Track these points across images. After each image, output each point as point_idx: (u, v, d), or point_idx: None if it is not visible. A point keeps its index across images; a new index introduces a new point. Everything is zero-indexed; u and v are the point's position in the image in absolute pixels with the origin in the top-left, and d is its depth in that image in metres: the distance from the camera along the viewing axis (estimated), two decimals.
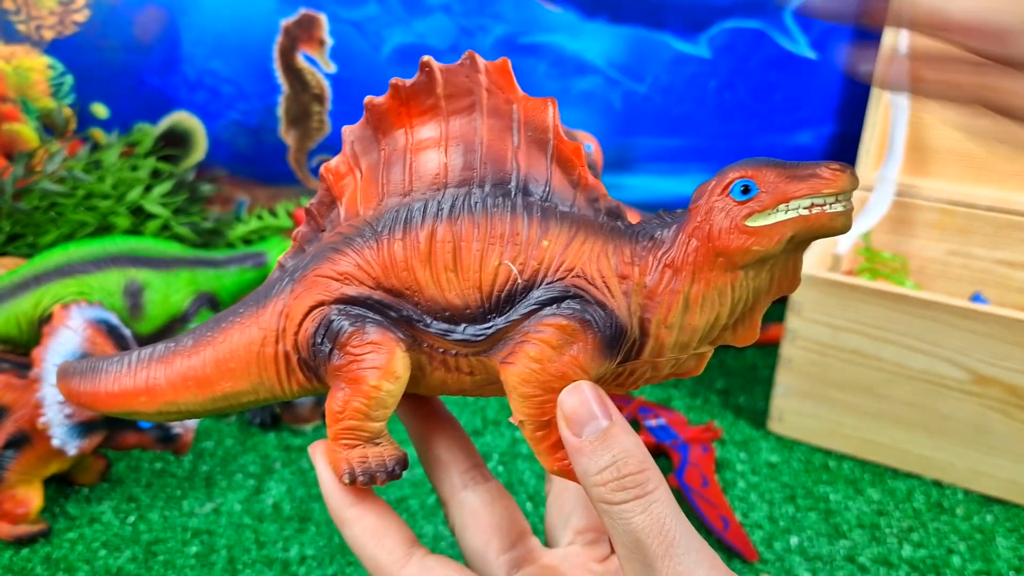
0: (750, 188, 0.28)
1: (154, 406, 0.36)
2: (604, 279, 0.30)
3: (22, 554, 0.58)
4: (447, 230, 0.31)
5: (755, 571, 0.59)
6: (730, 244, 0.28)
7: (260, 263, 0.79)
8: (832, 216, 0.27)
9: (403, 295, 0.31)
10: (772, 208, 0.28)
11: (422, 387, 0.34)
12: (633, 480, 0.28)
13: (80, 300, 0.64)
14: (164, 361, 0.36)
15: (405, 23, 0.89)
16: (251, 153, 0.94)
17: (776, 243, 0.28)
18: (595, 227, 0.31)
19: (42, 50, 0.87)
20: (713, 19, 0.89)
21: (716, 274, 0.29)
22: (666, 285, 0.30)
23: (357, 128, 0.33)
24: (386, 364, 0.31)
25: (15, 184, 0.83)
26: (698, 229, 0.29)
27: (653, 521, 0.28)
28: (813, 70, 0.91)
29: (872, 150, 0.86)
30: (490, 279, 0.30)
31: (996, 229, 0.83)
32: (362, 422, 0.32)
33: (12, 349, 0.69)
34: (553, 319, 0.30)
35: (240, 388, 0.35)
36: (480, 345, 0.31)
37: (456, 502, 0.36)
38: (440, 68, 0.32)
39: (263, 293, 0.34)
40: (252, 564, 0.59)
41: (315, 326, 0.32)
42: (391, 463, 0.33)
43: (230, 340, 0.34)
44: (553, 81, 0.92)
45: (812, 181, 0.27)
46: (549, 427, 0.31)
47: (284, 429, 0.73)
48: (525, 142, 0.32)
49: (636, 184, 0.97)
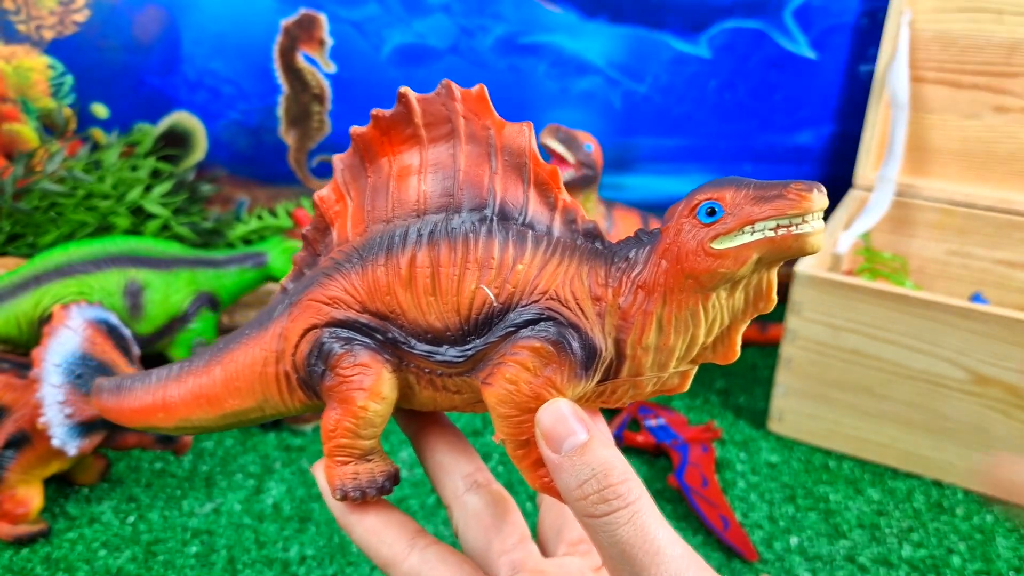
0: (715, 210, 0.28)
1: (172, 422, 0.39)
2: (578, 301, 0.31)
3: (22, 554, 0.58)
4: (426, 255, 0.32)
5: (755, 571, 0.59)
6: (697, 266, 0.28)
7: (260, 263, 0.79)
8: (798, 237, 0.27)
9: (388, 318, 0.33)
10: (737, 230, 0.28)
11: (415, 404, 0.35)
12: (614, 492, 0.29)
13: (80, 300, 0.64)
14: (179, 380, 0.38)
15: (405, 23, 0.89)
16: (251, 153, 0.94)
17: (742, 264, 0.28)
18: (570, 249, 0.32)
19: (42, 50, 0.87)
20: (713, 19, 0.89)
21: (687, 296, 0.29)
22: (639, 306, 0.30)
23: (347, 156, 0.35)
24: (373, 385, 0.33)
25: (15, 184, 0.83)
26: (668, 251, 0.29)
27: (637, 531, 0.28)
28: (813, 70, 0.91)
29: (872, 150, 0.86)
30: (467, 302, 0.31)
31: (996, 229, 0.83)
32: (353, 440, 0.34)
33: (12, 349, 0.69)
34: (527, 341, 0.30)
35: (246, 405, 0.37)
36: (462, 366, 0.32)
37: (459, 505, 0.37)
38: (417, 98, 0.33)
39: (266, 315, 0.36)
40: (252, 564, 0.59)
41: (309, 348, 0.34)
42: (381, 479, 0.35)
43: (236, 360, 0.37)
44: (553, 81, 0.92)
45: (777, 202, 0.27)
46: (528, 446, 0.32)
47: (284, 429, 0.73)
48: (502, 167, 0.33)
49: (636, 184, 0.97)
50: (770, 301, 0.30)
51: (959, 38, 0.81)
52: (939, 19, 0.81)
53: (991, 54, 0.80)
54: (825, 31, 0.89)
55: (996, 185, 0.84)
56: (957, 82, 0.83)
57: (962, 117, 0.84)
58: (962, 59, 0.81)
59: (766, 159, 0.97)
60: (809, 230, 0.27)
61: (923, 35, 0.82)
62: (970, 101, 0.83)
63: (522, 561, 0.36)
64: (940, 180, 0.86)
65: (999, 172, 0.84)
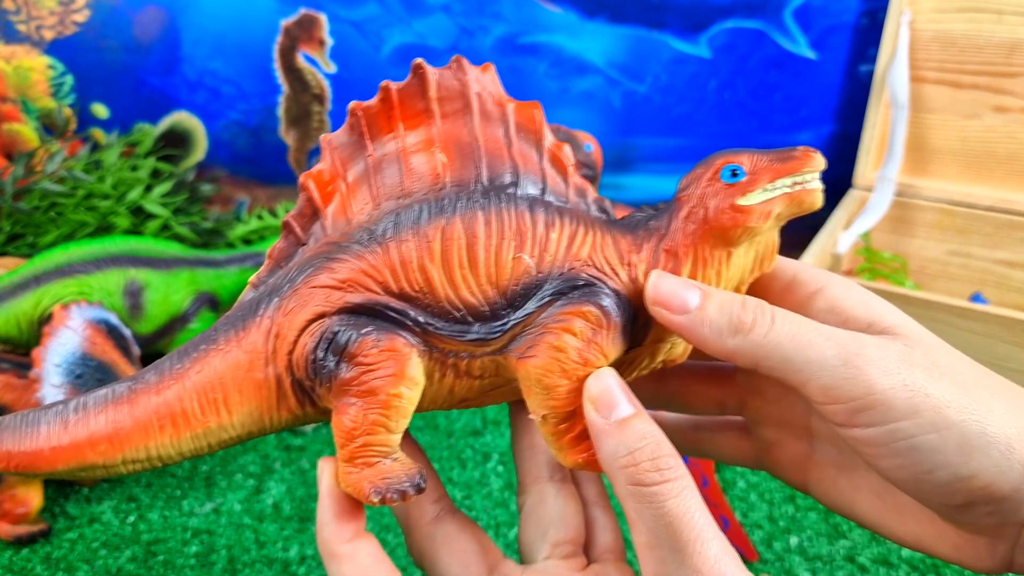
0: (737, 172, 0.30)
1: (117, 454, 0.32)
2: (612, 267, 0.31)
3: (22, 554, 0.58)
4: (458, 228, 0.31)
5: (755, 571, 0.59)
6: (726, 223, 0.30)
7: (260, 263, 0.79)
8: (811, 192, 0.30)
9: (412, 299, 0.31)
10: (760, 188, 0.30)
11: (427, 398, 0.33)
12: (667, 462, 0.28)
13: (80, 300, 0.64)
14: (128, 401, 0.32)
15: (405, 23, 0.89)
16: (251, 153, 0.94)
17: (766, 219, 0.30)
18: (592, 220, 0.32)
19: (42, 50, 0.87)
20: (713, 19, 0.90)
21: (715, 253, 0.31)
22: (669, 269, 0.31)
23: (340, 134, 0.33)
24: (404, 370, 0.30)
25: (15, 184, 0.83)
26: (692, 213, 0.31)
27: (686, 507, 0.28)
28: (813, 70, 0.91)
29: (872, 150, 0.86)
30: (506, 273, 0.31)
31: (996, 229, 0.83)
32: (381, 436, 0.31)
33: (12, 349, 0.69)
34: (574, 306, 0.30)
35: (223, 422, 0.32)
36: (496, 342, 0.31)
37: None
38: (432, 71, 0.32)
39: (241, 316, 0.32)
40: (252, 564, 0.59)
41: (315, 340, 0.31)
42: (416, 476, 0.31)
43: (209, 368, 0.32)
44: (553, 81, 0.92)
45: (791, 162, 0.30)
46: (572, 418, 0.31)
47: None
48: (518, 142, 0.33)
49: (636, 184, 0.97)
50: (773, 259, 0.32)
51: (959, 38, 0.81)
52: (939, 19, 0.81)
53: (991, 54, 0.80)
54: (825, 31, 0.89)
55: (996, 185, 0.84)
56: (957, 82, 0.83)
57: (962, 117, 0.84)
58: (962, 59, 0.81)
59: None
60: (817, 186, 0.30)
61: (923, 35, 0.82)
62: (970, 101, 0.83)
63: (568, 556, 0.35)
64: (940, 180, 0.86)
65: (999, 172, 0.84)
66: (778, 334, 0.29)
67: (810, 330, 0.29)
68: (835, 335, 0.29)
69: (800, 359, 0.28)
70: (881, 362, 0.28)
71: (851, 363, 0.28)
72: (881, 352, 0.28)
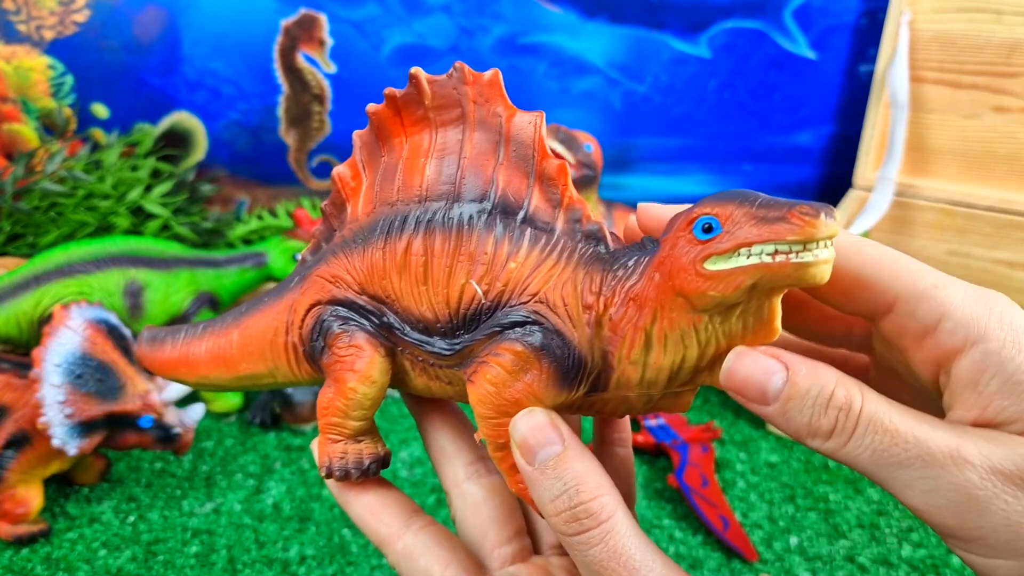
0: (712, 227, 0.25)
1: (192, 378, 0.40)
2: (567, 308, 0.29)
3: (22, 554, 0.58)
4: (421, 243, 0.31)
5: (755, 571, 0.59)
6: (687, 285, 0.26)
7: (260, 263, 0.79)
8: (797, 266, 0.24)
9: (384, 302, 0.32)
10: (732, 252, 0.25)
11: (411, 389, 0.35)
12: (585, 510, 0.28)
13: (80, 300, 0.64)
14: (201, 339, 0.39)
15: (405, 23, 0.89)
16: (251, 153, 0.94)
17: (733, 289, 0.25)
18: (569, 251, 0.30)
19: (42, 50, 0.87)
20: (713, 19, 0.90)
21: (678, 314, 0.27)
22: (629, 320, 0.28)
23: (365, 133, 0.34)
24: (364, 368, 0.33)
25: (15, 184, 0.83)
26: (662, 264, 0.27)
27: (610, 552, 0.27)
28: (813, 70, 0.91)
29: (872, 150, 0.86)
30: (456, 296, 0.30)
31: (996, 229, 0.83)
32: (342, 419, 0.34)
33: (12, 349, 0.69)
34: (510, 344, 0.29)
35: (259, 371, 0.37)
36: (451, 359, 0.31)
37: (458, 492, 0.37)
38: (428, 80, 0.31)
39: (284, 285, 0.37)
40: (252, 564, 0.59)
41: (312, 323, 0.34)
42: (368, 461, 0.34)
43: (252, 326, 0.37)
44: (553, 81, 0.92)
45: (777, 226, 0.24)
46: (505, 449, 0.31)
47: (284, 429, 0.73)
48: (508, 158, 0.31)
49: (636, 184, 0.97)
50: (772, 331, 0.27)
51: (959, 38, 0.81)
52: (939, 19, 0.81)
53: (991, 54, 0.80)
54: (825, 31, 0.89)
55: (996, 185, 0.84)
56: (957, 82, 0.83)
57: (962, 117, 0.84)
58: (962, 59, 0.81)
59: (766, 159, 0.97)
60: (811, 259, 0.24)
61: (923, 35, 0.82)
62: (970, 101, 0.83)
63: (516, 554, 0.35)
64: (940, 180, 0.86)
65: (999, 172, 0.84)
66: (857, 448, 0.26)
67: (893, 444, 0.26)
68: (924, 448, 0.25)
69: (884, 476, 0.26)
70: (983, 491, 0.25)
71: (947, 489, 0.25)
72: (982, 477, 0.25)
